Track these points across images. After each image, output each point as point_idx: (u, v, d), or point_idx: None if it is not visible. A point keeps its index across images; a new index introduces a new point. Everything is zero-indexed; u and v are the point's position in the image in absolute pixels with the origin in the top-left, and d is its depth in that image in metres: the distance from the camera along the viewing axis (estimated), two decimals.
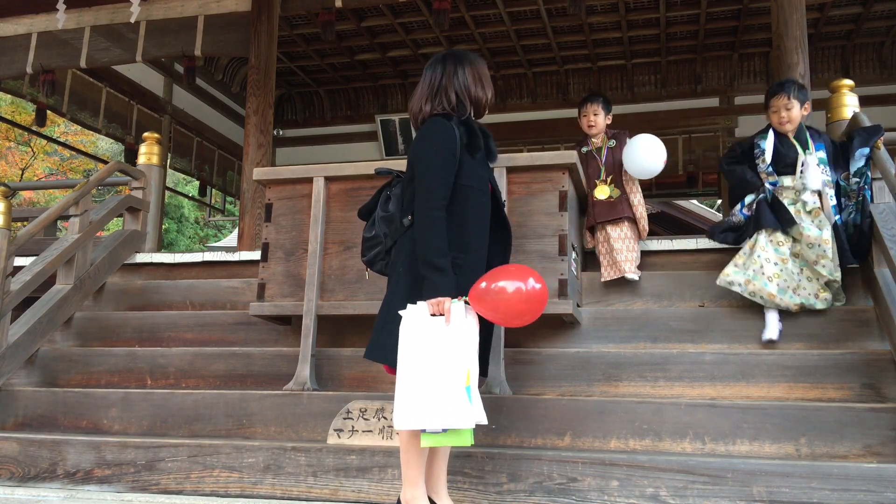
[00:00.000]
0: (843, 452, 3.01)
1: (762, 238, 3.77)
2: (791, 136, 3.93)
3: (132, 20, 6.40)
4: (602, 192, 4.26)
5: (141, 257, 5.38)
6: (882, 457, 2.96)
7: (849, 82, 4.59)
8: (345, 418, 3.39)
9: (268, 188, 4.28)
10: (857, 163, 3.83)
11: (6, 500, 3.09)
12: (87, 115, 8.10)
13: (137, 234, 5.47)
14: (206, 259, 5.30)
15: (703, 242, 4.54)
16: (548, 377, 3.72)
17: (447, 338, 2.42)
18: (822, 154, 3.87)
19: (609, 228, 4.23)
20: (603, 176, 4.31)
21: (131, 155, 8.19)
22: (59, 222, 7.81)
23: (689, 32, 8.06)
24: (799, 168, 3.83)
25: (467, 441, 2.42)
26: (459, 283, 2.51)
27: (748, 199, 3.99)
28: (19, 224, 6.01)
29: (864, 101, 4.89)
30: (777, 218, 3.77)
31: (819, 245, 3.65)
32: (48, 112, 7.97)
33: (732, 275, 3.79)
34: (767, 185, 3.89)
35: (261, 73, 6.01)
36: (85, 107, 8.05)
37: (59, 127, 15.96)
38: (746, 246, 3.85)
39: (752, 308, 3.84)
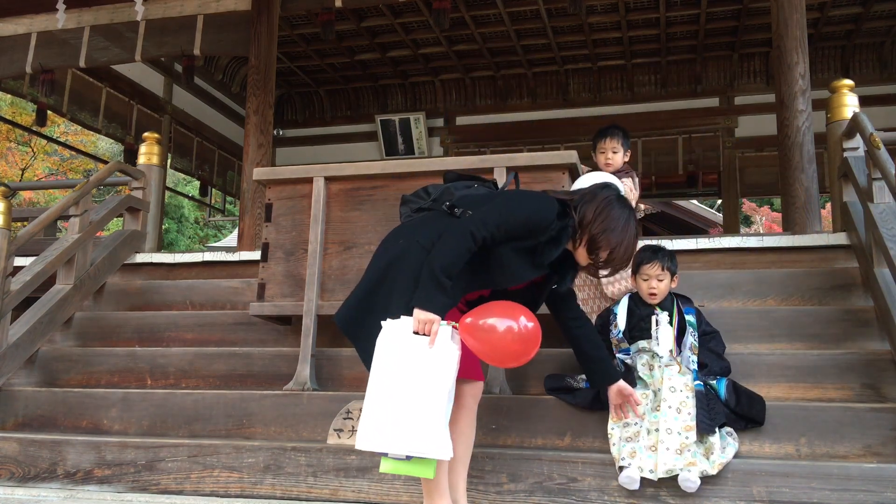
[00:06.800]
0: (843, 452, 3.01)
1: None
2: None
3: (138, 18, 6.41)
4: None
5: (141, 257, 5.38)
6: (882, 457, 2.96)
7: (849, 82, 4.59)
8: (345, 418, 3.39)
9: (268, 188, 4.28)
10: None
11: (6, 500, 3.09)
12: (87, 115, 8.10)
13: (137, 234, 5.47)
14: (206, 259, 5.31)
15: (703, 242, 4.54)
16: None
17: (427, 361, 2.28)
18: (693, 318, 3.34)
19: None
20: None
21: (131, 155, 8.19)
22: (59, 222, 7.80)
23: (689, 32, 8.07)
24: (654, 326, 3.29)
25: (430, 473, 2.29)
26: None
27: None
28: (19, 224, 6.00)
29: (864, 101, 4.89)
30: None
31: (682, 390, 2.99)
32: (48, 112, 7.98)
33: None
34: (619, 357, 3.30)
35: (261, 73, 6.01)
36: (85, 107, 8.06)
37: (59, 127, 15.97)
38: None
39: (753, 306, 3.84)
